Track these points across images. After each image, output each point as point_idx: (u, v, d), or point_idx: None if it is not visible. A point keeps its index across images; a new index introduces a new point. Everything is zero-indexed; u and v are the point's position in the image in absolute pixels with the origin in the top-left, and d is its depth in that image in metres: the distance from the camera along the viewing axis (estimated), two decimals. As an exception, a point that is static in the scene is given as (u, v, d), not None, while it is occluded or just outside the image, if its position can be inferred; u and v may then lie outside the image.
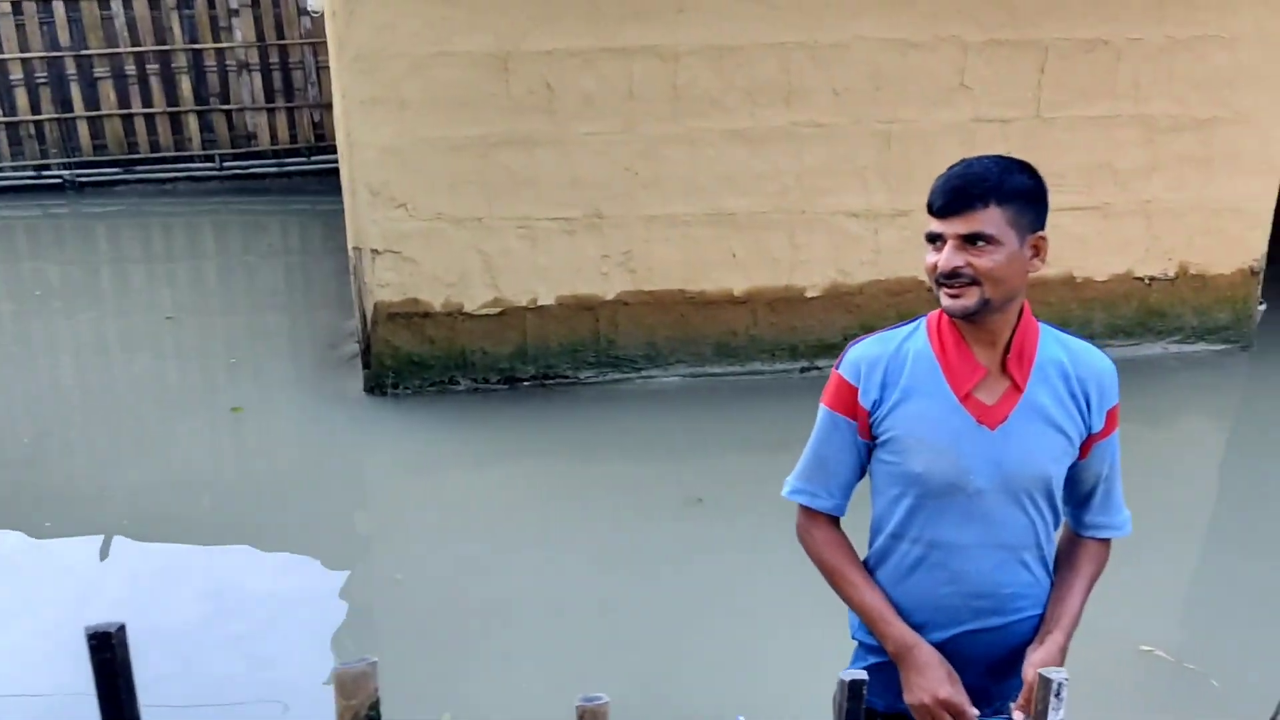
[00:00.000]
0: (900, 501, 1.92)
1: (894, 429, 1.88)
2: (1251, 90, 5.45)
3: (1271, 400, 5.58)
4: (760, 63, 5.06)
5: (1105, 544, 2.03)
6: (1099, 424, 1.91)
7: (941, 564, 1.91)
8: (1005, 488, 1.86)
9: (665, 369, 5.49)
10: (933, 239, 1.82)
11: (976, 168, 1.80)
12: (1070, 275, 5.66)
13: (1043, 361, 1.87)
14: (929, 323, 1.92)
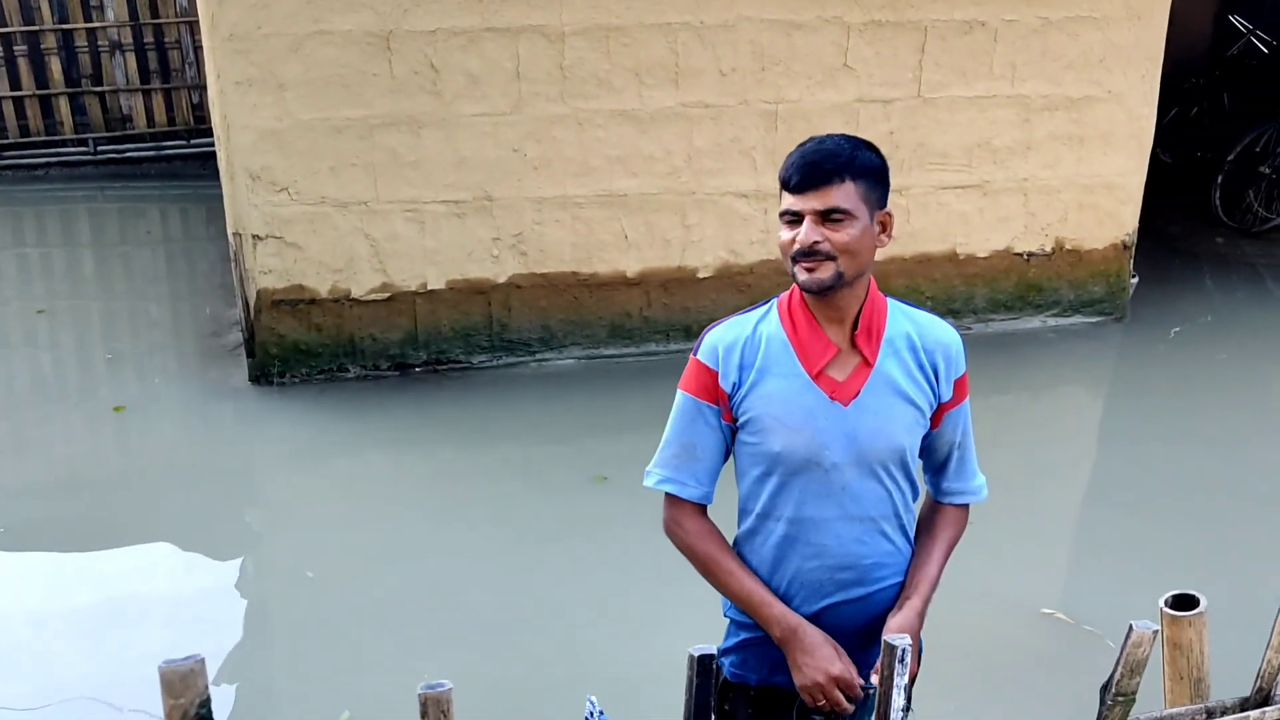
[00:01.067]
0: (764, 481, 1.95)
1: (752, 410, 1.91)
2: (1122, 69, 5.64)
3: (1144, 369, 5.82)
4: (647, 43, 5.05)
5: (963, 509, 2.09)
6: (948, 393, 1.96)
7: (805, 540, 1.94)
8: (860, 461, 1.91)
9: (560, 352, 5.46)
10: (789, 216, 1.84)
11: (829, 144, 1.83)
12: (954, 252, 5.80)
13: (892, 336, 1.91)
14: (780, 304, 1.95)
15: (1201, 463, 4.74)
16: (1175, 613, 1.51)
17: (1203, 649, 1.52)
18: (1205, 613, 1.51)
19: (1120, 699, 1.34)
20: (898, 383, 1.90)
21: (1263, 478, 4.62)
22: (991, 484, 4.53)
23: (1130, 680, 1.34)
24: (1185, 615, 1.50)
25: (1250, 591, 3.55)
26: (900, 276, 5.76)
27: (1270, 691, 1.45)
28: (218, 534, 4.12)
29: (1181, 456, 4.80)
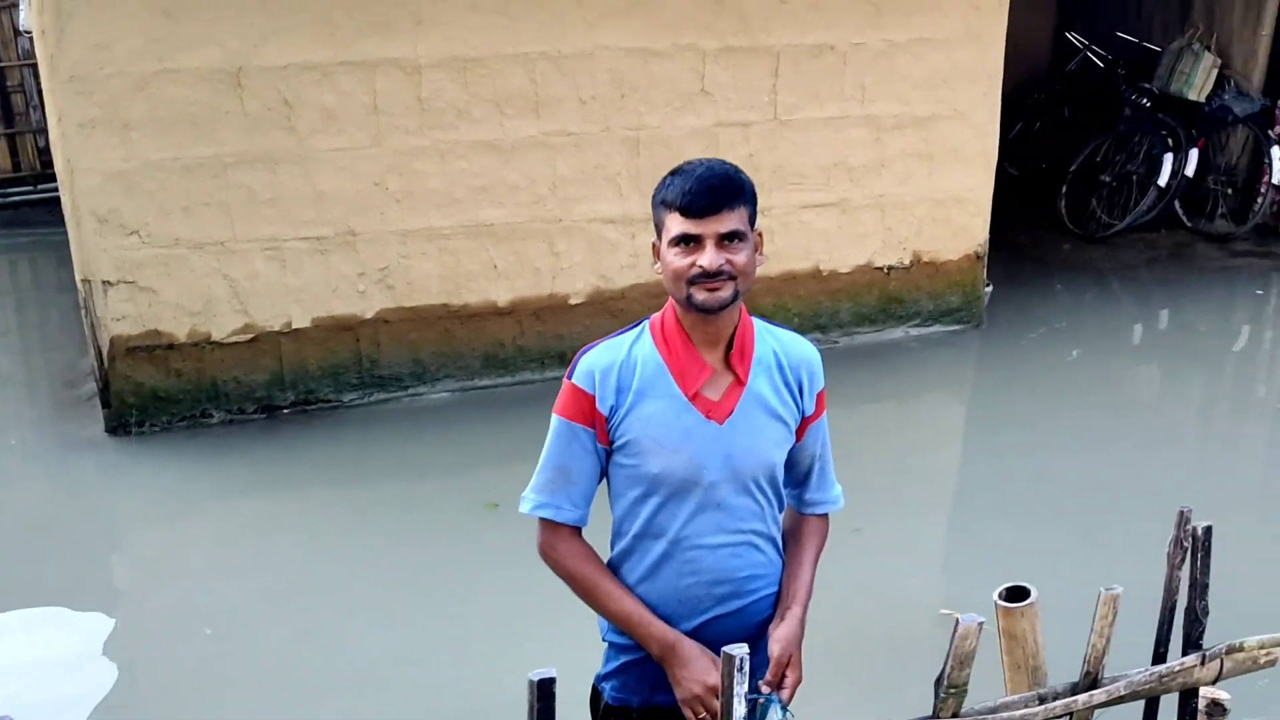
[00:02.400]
0: (642, 502, 1.98)
1: (630, 432, 1.93)
2: (965, 88, 5.89)
3: (1001, 372, 6.05)
4: (506, 73, 5.07)
5: (825, 519, 2.16)
6: (811, 407, 2.03)
7: (683, 557, 1.98)
8: (735, 478, 1.96)
9: (433, 385, 5.40)
10: (685, 240, 1.86)
11: (720, 169, 1.89)
12: (817, 269, 5.95)
13: (760, 354, 1.98)
14: (652, 327, 1.99)
15: (1061, 460, 4.95)
16: (1008, 605, 1.58)
17: (1036, 638, 1.59)
18: (1036, 604, 1.58)
19: (953, 691, 1.39)
20: (768, 401, 1.96)
21: (1118, 472, 4.85)
22: (868, 489, 4.68)
23: (960, 672, 1.39)
24: (1017, 607, 1.57)
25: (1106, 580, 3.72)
26: (767, 295, 5.88)
27: (1097, 675, 1.53)
28: (82, 594, 3.94)
29: (1042, 455, 5.01)
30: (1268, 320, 6.98)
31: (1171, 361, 6.35)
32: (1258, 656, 1.62)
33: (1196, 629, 1.60)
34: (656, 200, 1.92)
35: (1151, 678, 1.56)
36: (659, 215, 1.92)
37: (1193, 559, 1.60)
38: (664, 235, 1.90)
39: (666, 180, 1.91)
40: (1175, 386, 6.07)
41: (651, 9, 5.17)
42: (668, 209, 1.88)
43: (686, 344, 1.93)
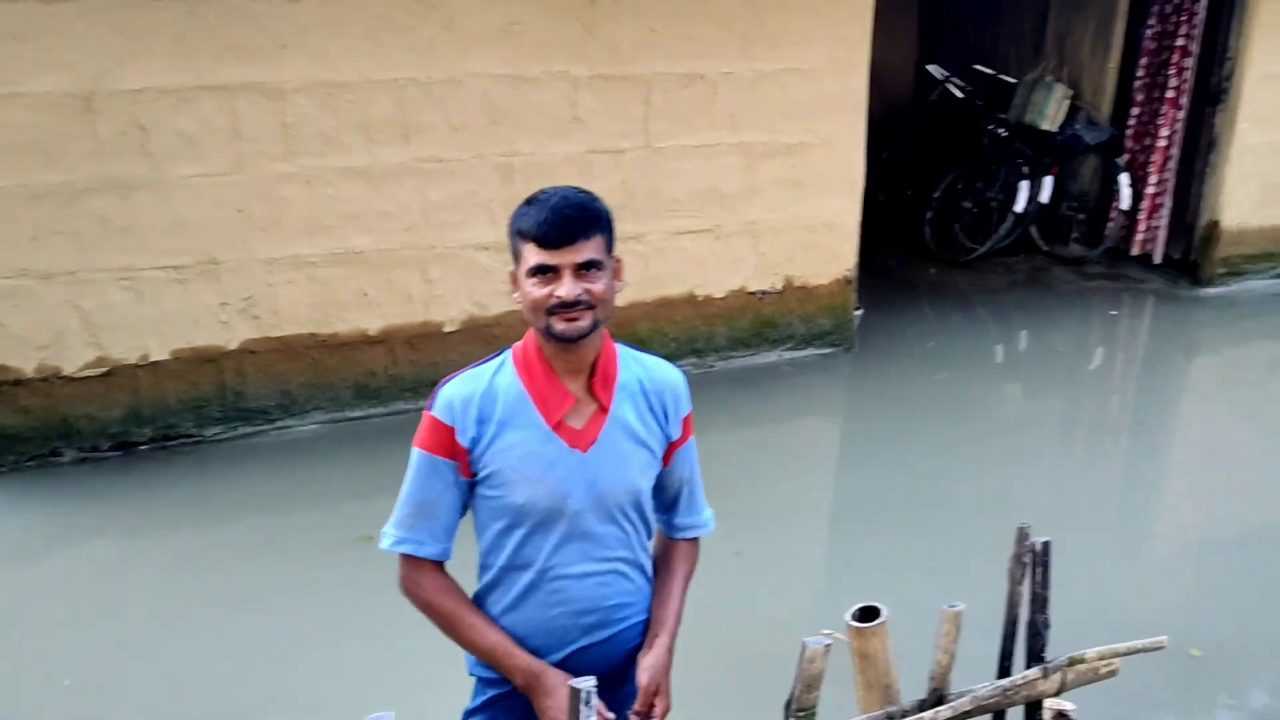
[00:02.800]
0: (508, 534, 1.95)
1: (493, 464, 1.91)
2: (831, 117, 6.04)
3: (872, 394, 6.20)
4: (374, 99, 4.99)
5: (694, 543, 2.17)
6: (677, 432, 2.04)
7: (549, 588, 1.96)
8: (600, 506, 1.95)
9: (301, 418, 5.26)
10: (542, 270, 1.84)
11: (575, 199, 1.88)
12: (693, 294, 6.01)
13: (625, 381, 1.98)
14: (514, 356, 1.97)
15: (931, 478, 5.09)
16: (859, 625, 1.60)
17: (887, 657, 1.61)
18: (886, 623, 1.60)
19: (801, 714, 1.40)
20: (632, 427, 1.96)
21: (983, 489, 5.01)
22: (748, 511, 4.73)
23: (809, 695, 1.40)
24: (868, 626, 1.59)
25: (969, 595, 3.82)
26: (644, 320, 5.91)
27: (943, 692, 1.56)
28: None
29: (912, 474, 5.14)
30: (1119, 340, 7.33)
31: (1032, 381, 6.61)
32: (1098, 667, 1.68)
33: (1039, 642, 1.65)
34: (512, 230, 1.90)
35: (996, 692, 1.60)
36: (515, 245, 1.90)
37: (1033, 574, 1.65)
38: (521, 265, 1.88)
39: (521, 210, 1.90)
40: (1036, 405, 6.31)
41: (522, 37, 5.17)
42: (524, 239, 1.86)
43: (548, 373, 1.92)
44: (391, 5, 4.90)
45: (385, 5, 4.89)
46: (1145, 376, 6.84)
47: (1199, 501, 5.09)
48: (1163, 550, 4.79)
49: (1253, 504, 4.96)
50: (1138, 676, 3.77)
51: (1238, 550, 4.57)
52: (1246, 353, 7.08)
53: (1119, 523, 4.97)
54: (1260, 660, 3.87)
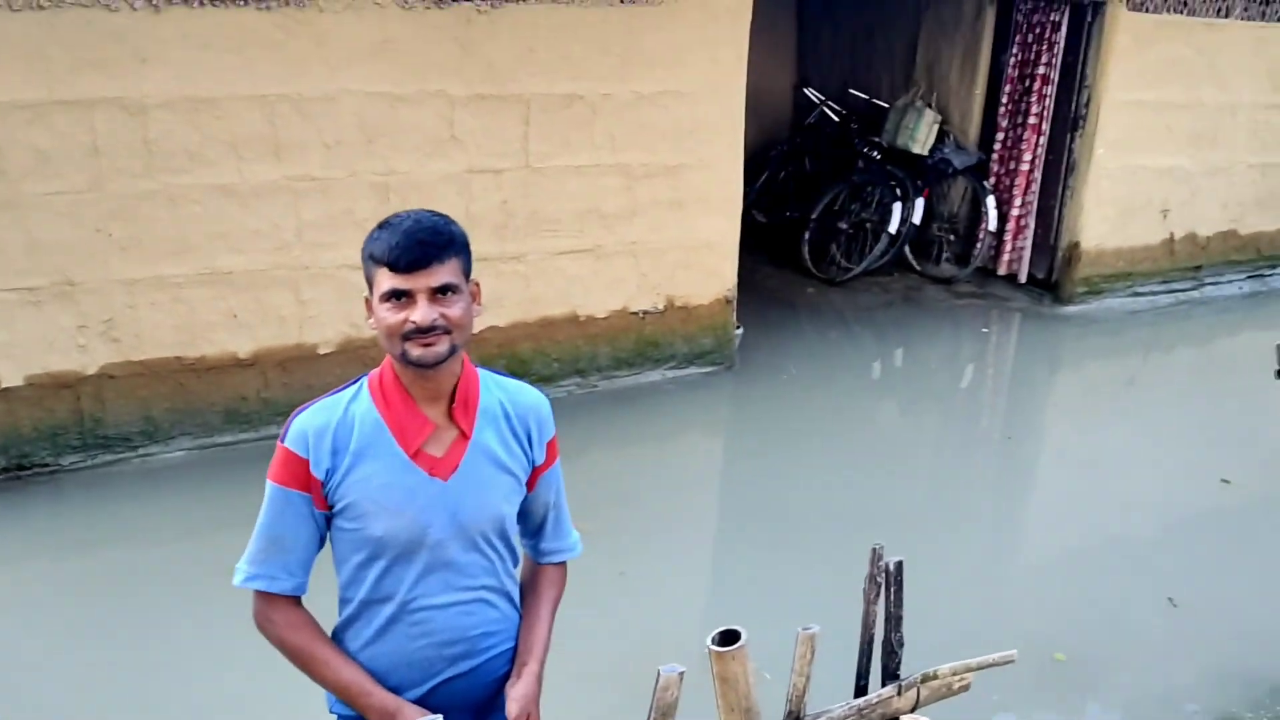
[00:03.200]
0: (367, 567, 1.90)
1: (349, 495, 1.85)
2: (709, 139, 6.12)
3: (754, 412, 6.28)
4: (242, 115, 4.86)
5: (562, 568, 2.14)
6: (541, 456, 2.02)
7: (411, 620, 1.91)
8: (463, 535, 1.91)
9: (167, 444, 5.06)
10: (396, 295, 1.79)
11: (428, 222, 1.83)
12: (575, 314, 6.00)
13: (486, 405, 1.94)
14: (370, 384, 1.91)
15: (812, 495, 5.19)
16: (719, 649, 1.60)
17: (748, 679, 1.62)
18: (746, 646, 1.61)
19: (657, 744, 1.40)
20: (495, 453, 1.93)
21: (861, 505, 5.12)
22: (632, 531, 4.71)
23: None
24: (728, 650, 1.60)
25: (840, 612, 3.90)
26: (526, 341, 5.88)
27: (800, 714, 1.57)
28: None
29: (794, 490, 5.23)
30: (988, 356, 7.59)
31: (907, 397, 6.80)
32: (951, 683, 1.72)
33: (893, 660, 1.69)
34: (365, 255, 1.85)
35: (851, 711, 1.62)
36: (369, 270, 1.85)
37: (887, 593, 1.68)
38: (375, 290, 1.84)
39: (374, 235, 1.85)
40: (911, 421, 6.49)
41: (396, 54, 5.10)
42: (376, 264, 1.82)
43: (406, 400, 1.87)
44: (260, 20, 4.78)
45: (253, 20, 4.77)
46: (1013, 391, 7.10)
47: (1064, 513, 5.30)
48: (1031, 560, 4.97)
49: (1114, 514, 5.19)
50: (1006, 681, 3.92)
51: (1101, 558, 4.77)
52: (1106, 368, 7.42)
53: (990, 535, 5.13)
54: (1121, 661, 4.05)
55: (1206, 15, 7.87)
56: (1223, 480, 5.48)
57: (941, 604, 4.33)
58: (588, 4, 5.49)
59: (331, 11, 4.91)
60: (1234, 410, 6.41)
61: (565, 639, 3.87)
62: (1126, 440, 6.13)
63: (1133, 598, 4.46)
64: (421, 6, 5.09)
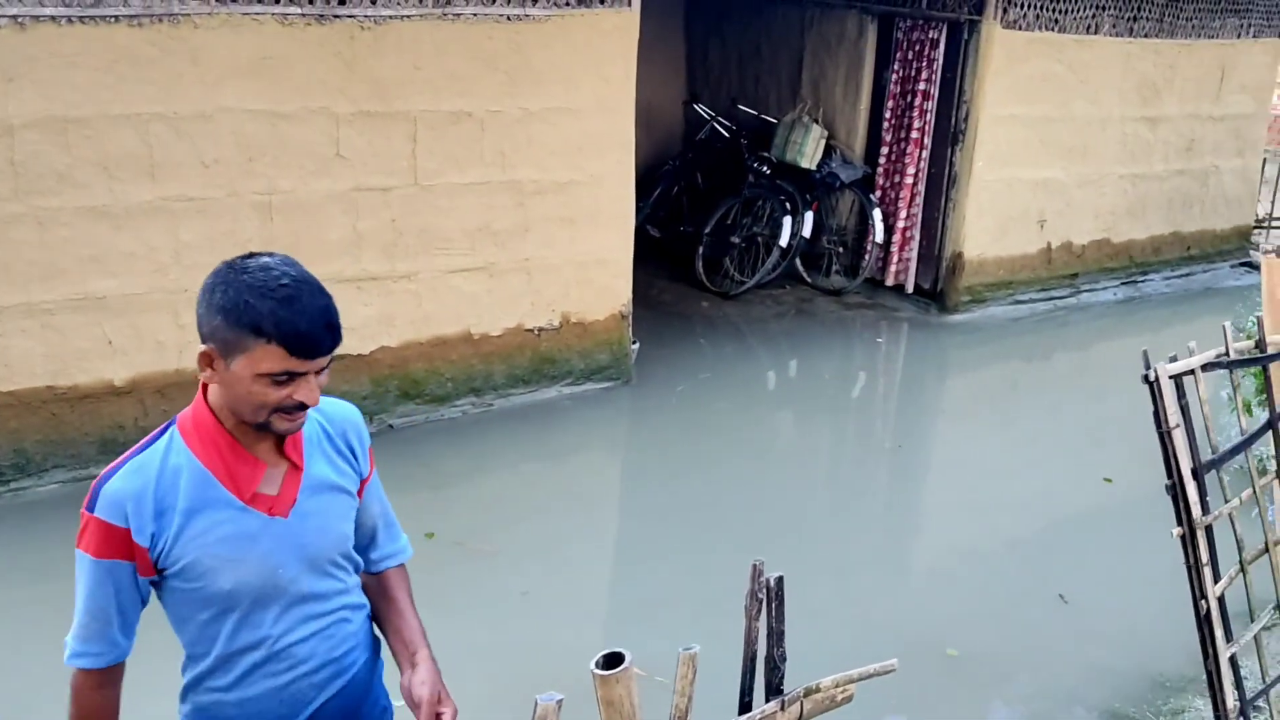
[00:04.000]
0: (219, 622, 1.82)
1: (187, 555, 1.75)
2: (600, 155, 6.13)
3: (652, 426, 6.31)
4: (114, 135, 4.69)
5: (403, 569, 2.13)
6: (366, 467, 1.99)
7: (277, 659, 1.86)
8: (314, 566, 1.87)
9: (39, 478, 4.85)
10: (289, 375, 1.68)
11: (326, 302, 1.72)
12: (469, 333, 5.94)
13: (308, 433, 1.88)
14: (184, 433, 1.79)
15: (710, 508, 5.24)
16: (603, 672, 1.59)
17: (633, 702, 1.61)
18: (631, 668, 1.61)
19: (536, 774, 1.38)
20: (327, 476, 1.89)
21: (760, 516, 5.18)
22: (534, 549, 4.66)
23: (543, 754, 1.38)
24: (612, 673, 1.59)
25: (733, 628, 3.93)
26: (419, 361, 5.80)
27: (683, 733, 1.57)
28: None
29: (694, 503, 5.28)
30: (879, 366, 7.77)
31: (801, 407, 6.90)
32: (835, 695, 1.74)
33: (776, 675, 1.70)
34: (240, 322, 1.65)
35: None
36: (241, 338, 1.66)
37: (768, 610, 1.69)
38: (243, 359, 1.67)
39: (261, 306, 1.65)
40: (805, 431, 6.59)
41: (276, 71, 4.99)
42: (261, 338, 1.65)
43: (233, 446, 1.77)
44: (131, 37, 4.63)
45: (125, 37, 4.62)
46: (902, 399, 7.27)
47: (954, 517, 5.44)
48: (923, 566, 5.09)
49: (1002, 516, 5.34)
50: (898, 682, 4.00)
51: (991, 560, 4.91)
52: (990, 374, 7.65)
53: (882, 543, 5.24)
54: (1013, 659, 4.18)
55: (1077, 32, 8.21)
56: (1105, 479, 5.70)
57: (835, 615, 4.40)
58: (472, 21, 5.46)
59: (207, 28, 4.78)
60: (1112, 412, 6.67)
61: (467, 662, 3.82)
62: (1012, 444, 6.33)
63: (1023, 597, 4.60)
64: (302, 23, 5.00)
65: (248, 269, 1.69)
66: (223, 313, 1.67)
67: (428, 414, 5.87)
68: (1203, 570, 2.90)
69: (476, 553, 4.63)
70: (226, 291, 1.67)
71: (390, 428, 5.73)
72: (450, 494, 5.17)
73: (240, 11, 4.85)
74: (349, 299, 5.45)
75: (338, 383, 5.52)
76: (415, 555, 2.15)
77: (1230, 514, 3.02)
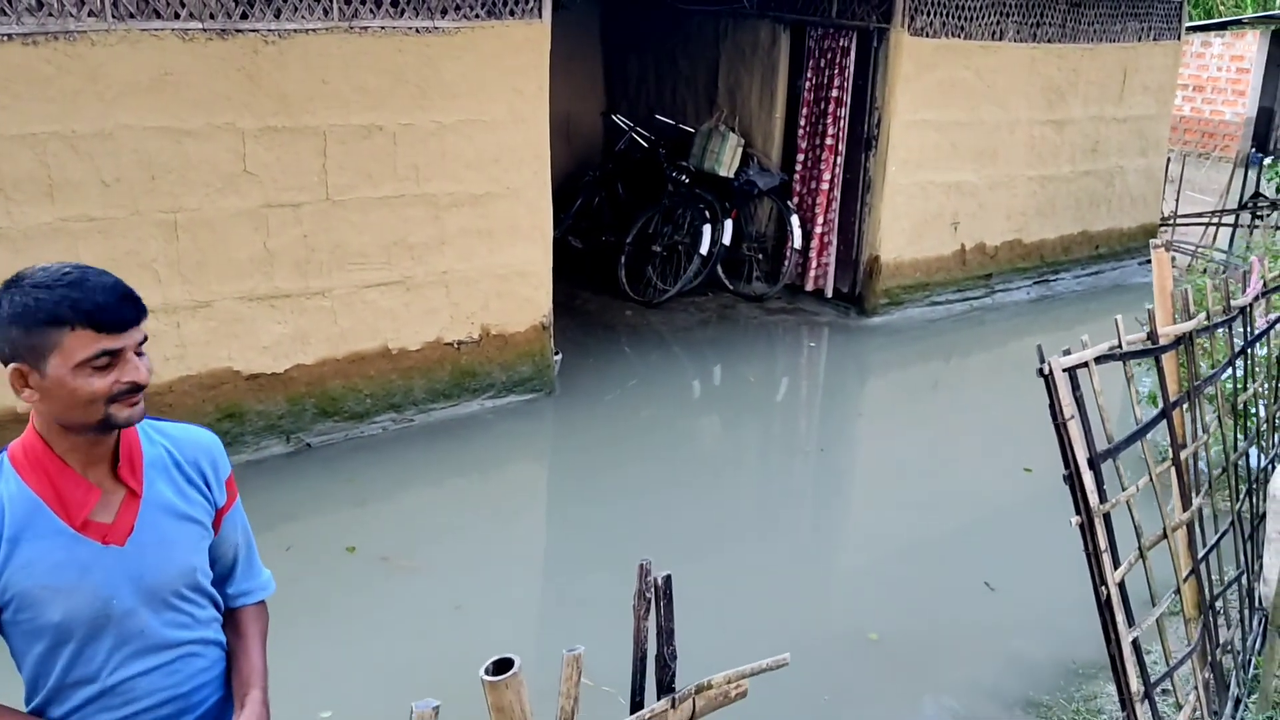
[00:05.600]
0: (54, 655, 1.76)
1: (15, 586, 1.70)
2: (516, 168, 6.12)
3: (576, 436, 6.30)
4: (11, 155, 4.57)
5: (262, 606, 2.07)
6: (223, 497, 1.93)
7: (114, 694, 1.79)
8: (153, 598, 1.80)
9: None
10: (105, 356, 1.65)
11: (107, 276, 1.70)
12: (386, 348, 5.88)
13: (152, 458, 1.82)
14: (14, 460, 1.74)
15: (639, 513, 5.26)
16: (492, 679, 1.58)
17: (523, 707, 1.61)
18: (520, 674, 1.60)
19: (416, 782, 1.37)
20: (172, 503, 1.82)
21: (682, 520, 5.21)
22: (464, 565, 4.62)
23: (422, 762, 1.37)
24: (501, 679, 1.58)
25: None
26: (336, 378, 5.72)
27: (572, 735, 1.57)
28: None
29: (621, 510, 5.29)
30: (801, 369, 7.85)
31: (726, 412, 6.96)
32: (728, 691, 1.75)
33: (666, 674, 1.70)
34: (38, 320, 1.62)
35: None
36: (44, 337, 1.62)
37: (657, 608, 1.70)
38: (55, 359, 1.63)
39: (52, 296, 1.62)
40: (730, 435, 6.65)
41: (178, 87, 4.90)
42: (64, 327, 1.62)
43: (63, 470, 1.72)
44: (25, 55, 4.51)
45: (18, 55, 4.50)
46: (825, 402, 7.37)
47: (878, 515, 5.53)
48: (848, 562, 5.15)
49: (926, 511, 5.44)
50: (828, 659, 4.06)
51: (916, 554, 5.00)
52: (910, 374, 7.78)
53: (806, 541, 5.30)
54: (933, 643, 4.29)
55: (982, 39, 8.41)
56: (1025, 469, 5.82)
57: (760, 614, 4.44)
58: (380, 34, 5.42)
59: (104, 45, 4.68)
60: (1027, 406, 6.80)
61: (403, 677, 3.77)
62: (933, 441, 6.44)
63: (946, 588, 4.70)
64: (203, 38, 4.92)
65: (25, 276, 1.67)
66: (16, 321, 1.63)
67: (346, 431, 5.80)
68: (1102, 557, 2.97)
69: (401, 569, 4.58)
70: (13, 301, 1.64)
71: (308, 446, 5.64)
72: (372, 510, 5.11)
73: (139, 28, 4.76)
74: (262, 317, 5.37)
75: (251, 402, 5.43)
76: (337, 571, 2.11)
77: (1128, 502, 3.10)
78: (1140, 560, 3.20)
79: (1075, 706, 3.94)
